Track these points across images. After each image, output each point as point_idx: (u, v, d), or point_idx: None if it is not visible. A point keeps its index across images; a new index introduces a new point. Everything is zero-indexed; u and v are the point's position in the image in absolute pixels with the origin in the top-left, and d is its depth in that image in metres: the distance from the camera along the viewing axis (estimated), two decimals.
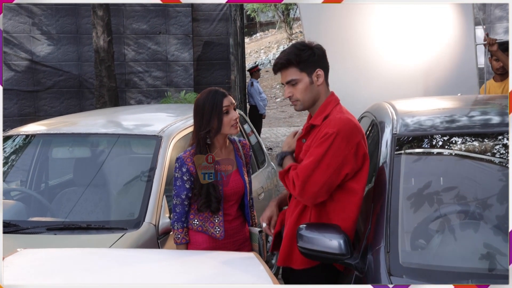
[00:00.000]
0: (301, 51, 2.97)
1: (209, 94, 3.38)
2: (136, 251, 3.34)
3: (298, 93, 3.00)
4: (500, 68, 5.49)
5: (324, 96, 3.03)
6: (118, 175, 4.32)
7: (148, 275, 2.58)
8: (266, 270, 2.68)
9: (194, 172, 3.36)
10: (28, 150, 4.58)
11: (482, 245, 2.66)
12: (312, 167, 2.83)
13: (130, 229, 3.57)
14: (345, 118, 2.91)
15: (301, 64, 2.97)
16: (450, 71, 5.86)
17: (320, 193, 2.85)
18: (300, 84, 2.98)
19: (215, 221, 3.38)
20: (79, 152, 4.75)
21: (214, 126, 3.34)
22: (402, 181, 2.87)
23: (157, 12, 11.09)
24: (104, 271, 2.65)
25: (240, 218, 3.51)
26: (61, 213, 4.02)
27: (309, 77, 2.98)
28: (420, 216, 2.85)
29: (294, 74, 2.99)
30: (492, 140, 3.10)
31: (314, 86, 2.99)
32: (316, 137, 2.93)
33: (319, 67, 2.99)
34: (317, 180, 2.82)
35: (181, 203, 3.39)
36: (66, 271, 2.61)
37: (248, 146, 3.62)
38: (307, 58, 2.96)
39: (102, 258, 2.91)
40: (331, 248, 2.67)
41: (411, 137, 3.14)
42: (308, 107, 3.05)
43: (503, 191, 2.98)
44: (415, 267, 2.52)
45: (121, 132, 4.46)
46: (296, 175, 2.88)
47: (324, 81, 3.03)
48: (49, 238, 3.55)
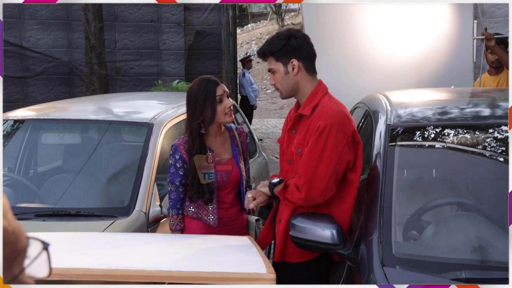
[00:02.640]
0: (278, 40, 2.96)
1: (202, 83, 3.34)
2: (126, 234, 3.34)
3: (277, 82, 3.00)
4: (495, 61, 5.48)
5: (307, 84, 2.98)
6: (109, 162, 4.29)
7: (135, 255, 2.59)
8: (259, 251, 2.69)
9: (187, 160, 3.34)
10: (17, 135, 4.53)
11: (475, 236, 2.66)
12: (314, 164, 2.78)
13: (120, 216, 3.54)
14: (336, 109, 2.88)
15: (275, 54, 2.96)
16: (446, 64, 5.87)
17: (328, 187, 2.79)
18: (277, 73, 2.98)
19: (208, 209, 3.36)
20: (69, 139, 4.70)
21: (208, 115, 3.30)
22: (395, 171, 2.85)
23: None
24: (94, 252, 2.65)
25: (237, 206, 3.48)
26: (50, 200, 3.98)
27: (284, 67, 2.95)
28: (413, 207, 2.85)
29: (271, 63, 2.99)
30: (486, 132, 3.10)
31: (290, 76, 2.95)
32: (309, 130, 2.88)
33: (294, 57, 2.94)
34: (322, 175, 2.77)
35: (176, 190, 3.37)
36: (53, 254, 2.60)
37: (245, 134, 3.57)
38: (281, 48, 2.93)
39: (92, 240, 2.91)
40: (324, 238, 2.66)
41: (405, 128, 3.12)
42: (289, 96, 3.03)
43: (496, 183, 2.99)
44: (408, 257, 2.52)
45: (112, 119, 4.42)
46: (297, 179, 2.82)
47: (304, 70, 2.96)
48: (37, 224, 3.51)
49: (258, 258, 2.65)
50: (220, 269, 2.54)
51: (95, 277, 2.39)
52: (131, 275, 2.42)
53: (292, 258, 2.96)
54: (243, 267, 2.59)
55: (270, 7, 30.41)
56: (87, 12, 9.14)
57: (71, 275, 2.37)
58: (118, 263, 2.55)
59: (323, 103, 2.92)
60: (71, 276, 2.37)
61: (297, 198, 2.82)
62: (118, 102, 5.41)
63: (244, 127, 5.71)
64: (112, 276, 2.40)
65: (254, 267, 2.55)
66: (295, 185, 2.82)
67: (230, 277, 2.47)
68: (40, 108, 4.87)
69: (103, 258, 2.64)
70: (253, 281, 2.45)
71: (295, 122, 3.01)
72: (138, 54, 11.07)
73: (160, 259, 2.70)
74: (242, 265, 2.63)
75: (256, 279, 2.45)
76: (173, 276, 2.44)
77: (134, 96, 6.83)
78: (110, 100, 5.52)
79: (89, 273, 2.40)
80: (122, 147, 4.49)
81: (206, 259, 2.76)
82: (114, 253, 2.78)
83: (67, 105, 5.04)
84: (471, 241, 2.63)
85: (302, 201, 2.82)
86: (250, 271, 2.51)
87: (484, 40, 5.33)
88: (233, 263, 2.66)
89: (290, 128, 3.04)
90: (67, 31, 10.87)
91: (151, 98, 6.00)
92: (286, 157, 3.06)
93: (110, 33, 10.68)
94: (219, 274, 2.48)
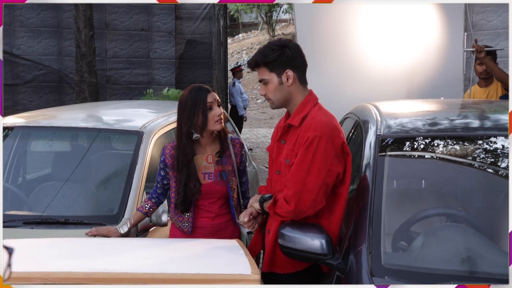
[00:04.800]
0: (271, 51, 2.93)
1: (193, 90, 3.38)
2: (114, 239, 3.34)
3: (269, 92, 2.97)
4: (483, 72, 5.52)
5: (299, 95, 2.97)
6: (98, 170, 4.26)
7: (120, 259, 2.58)
8: (246, 253, 2.68)
9: (169, 164, 3.40)
10: (6, 143, 4.50)
11: (464, 247, 2.67)
12: (303, 176, 2.76)
13: (108, 224, 3.52)
14: (325, 120, 2.87)
15: (269, 65, 2.93)
16: (435, 75, 5.90)
17: (318, 199, 2.77)
18: (270, 84, 2.95)
19: (184, 216, 3.41)
20: (59, 146, 4.68)
21: (199, 123, 3.32)
22: (385, 182, 2.85)
23: (140, 9, 11.01)
24: (79, 256, 2.66)
25: (226, 216, 3.47)
26: (39, 208, 3.94)
27: (278, 77, 2.93)
28: (403, 217, 2.85)
29: (264, 74, 2.96)
30: (474, 143, 3.11)
31: (284, 87, 2.93)
32: (297, 140, 2.87)
33: (289, 67, 2.92)
34: (311, 187, 2.75)
35: (156, 185, 3.53)
36: (38, 258, 2.60)
37: (240, 144, 3.57)
38: (275, 58, 2.91)
39: (79, 245, 2.91)
40: (313, 248, 2.65)
41: (394, 139, 3.13)
42: (281, 106, 3.01)
43: (485, 194, 3.00)
44: (397, 268, 2.51)
45: (102, 126, 4.39)
46: (286, 192, 2.80)
47: (297, 81, 2.96)
48: (25, 232, 3.48)
49: (244, 259, 2.63)
50: (204, 270, 2.52)
51: (77, 281, 2.37)
52: (114, 278, 2.40)
53: (281, 269, 2.95)
54: (228, 269, 2.57)
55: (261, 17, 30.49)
56: (78, 20, 9.12)
57: (53, 278, 2.35)
58: (102, 267, 2.54)
59: (313, 114, 2.91)
60: (53, 280, 2.35)
61: (286, 211, 2.80)
62: (108, 110, 5.39)
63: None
64: (95, 279, 2.38)
65: (239, 268, 2.53)
66: (284, 198, 2.80)
67: (214, 278, 2.45)
68: (29, 115, 4.84)
69: (88, 262, 2.63)
70: (237, 282, 2.43)
71: (284, 132, 3.00)
72: (129, 62, 11.06)
73: (145, 262, 2.68)
74: (227, 266, 2.62)
75: (240, 280, 2.43)
76: (156, 279, 2.42)
77: (124, 104, 6.81)
78: (100, 108, 5.50)
79: (72, 276, 2.38)
80: (111, 155, 4.47)
81: (192, 261, 2.74)
82: (99, 257, 2.76)
83: (57, 112, 5.01)
84: (460, 252, 2.63)
85: (291, 213, 2.79)
86: (235, 272, 2.49)
87: (475, 52, 5.36)
88: (218, 265, 2.65)
89: (280, 138, 3.03)
90: (57, 39, 10.84)
91: (142, 107, 5.98)
92: (275, 167, 3.05)
93: (101, 41, 10.66)
94: (203, 275, 2.46)
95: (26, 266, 2.41)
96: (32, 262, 2.53)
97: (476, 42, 5.39)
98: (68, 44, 10.68)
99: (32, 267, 2.43)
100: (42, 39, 10.78)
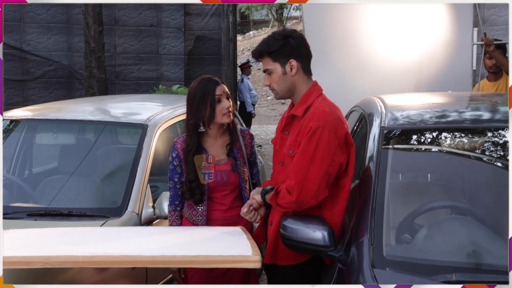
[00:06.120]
0: (274, 40, 2.91)
1: (202, 82, 3.34)
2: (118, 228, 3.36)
3: (273, 82, 2.95)
4: (492, 66, 5.46)
5: (304, 85, 2.95)
6: (103, 163, 4.27)
7: (122, 245, 2.59)
8: (248, 238, 2.68)
9: (183, 158, 3.33)
10: (12, 135, 4.51)
11: (468, 240, 2.64)
12: (305, 166, 2.73)
13: (112, 217, 3.52)
14: (329, 110, 2.84)
15: (273, 55, 2.92)
16: (444, 69, 5.85)
17: (320, 190, 2.74)
18: (274, 74, 2.93)
19: (198, 210, 3.34)
20: (64, 139, 4.68)
21: (207, 115, 3.28)
22: (388, 174, 2.83)
23: (149, 5, 11.02)
24: (81, 243, 2.68)
25: (240, 209, 3.39)
26: (43, 200, 3.96)
27: (282, 67, 2.91)
28: (406, 209, 2.82)
29: (268, 64, 2.95)
30: (480, 136, 3.07)
31: (288, 77, 2.92)
32: (300, 131, 2.85)
33: (293, 57, 2.90)
34: (314, 177, 2.72)
35: (174, 187, 3.39)
36: (41, 246, 2.61)
37: (250, 136, 3.54)
38: (279, 48, 2.90)
39: (82, 233, 2.96)
40: (315, 239, 2.63)
41: (399, 131, 3.10)
42: (285, 96, 2.99)
43: (490, 187, 2.96)
44: (399, 259, 2.49)
45: (107, 119, 4.40)
46: (288, 182, 2.78)
47: (301, 71, 2.94)
48: (29, 223, 3.49)
49: (246, 243, 2.62)
50: (205, 252, 2.51)
51: (76, 264, 2.40)
52: (113, 260, 2.41)
53: (283, 260, 2.93)
54: (228, 251, 2.56)
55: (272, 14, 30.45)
56: (87, 16, 9.14)
57: (53, 262, 2.37)
58: (102, 251, 2.54)
59: (316, 105, 2.88)
60: (53, 263, 2.38)
61: (289, 202, 2.77)
62: (114, 103, 5.40)
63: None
64: (94, 262, 2.41)
65: (240, 250, 2.52)
66: (286, 188, 2.78)
67: (215, 260, 2.44)
68: (36, 108, 4.85)
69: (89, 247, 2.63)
70: (237, 263, 2.43)
71: (288, 123, 2.98)
72: (138, 58, 11.07)
73: (146, 246, 2.68)
74: (228, 249, 2.61)
75: (241, 261, 2.43)
76: (156, 261, 2.42)
77: (130, 97, 6.82)
78: (106, 102, 5.51)
79: (71, 260, 2.39)
80: (116, 147, 4.48)
81: (193, 245, 2.73)
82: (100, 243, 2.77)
83: (63, 105, 5.02)
84: (464, 244, 2.60)
85: (294, 204, 2.77)
86: (235, 254, 2.48)
87: (484, 46, 5.30)
88: (220, 248, 2.64)
89: (283, 129, 3.01)
90: (67, 34, 10.87)
91: (148, 100, 5.98)
92: (278, 158, 3.03)
93: (110, 37, 10.68)
94: (204, 257, 2.45)
95: (27, 252, 2.44)
96: (33, 248, 2.55)
97: (485, 36, 5.33)
98: (78, 40, 10.71)
99: (33, 252, 2.45)
100: (52, 35, 10.81)
